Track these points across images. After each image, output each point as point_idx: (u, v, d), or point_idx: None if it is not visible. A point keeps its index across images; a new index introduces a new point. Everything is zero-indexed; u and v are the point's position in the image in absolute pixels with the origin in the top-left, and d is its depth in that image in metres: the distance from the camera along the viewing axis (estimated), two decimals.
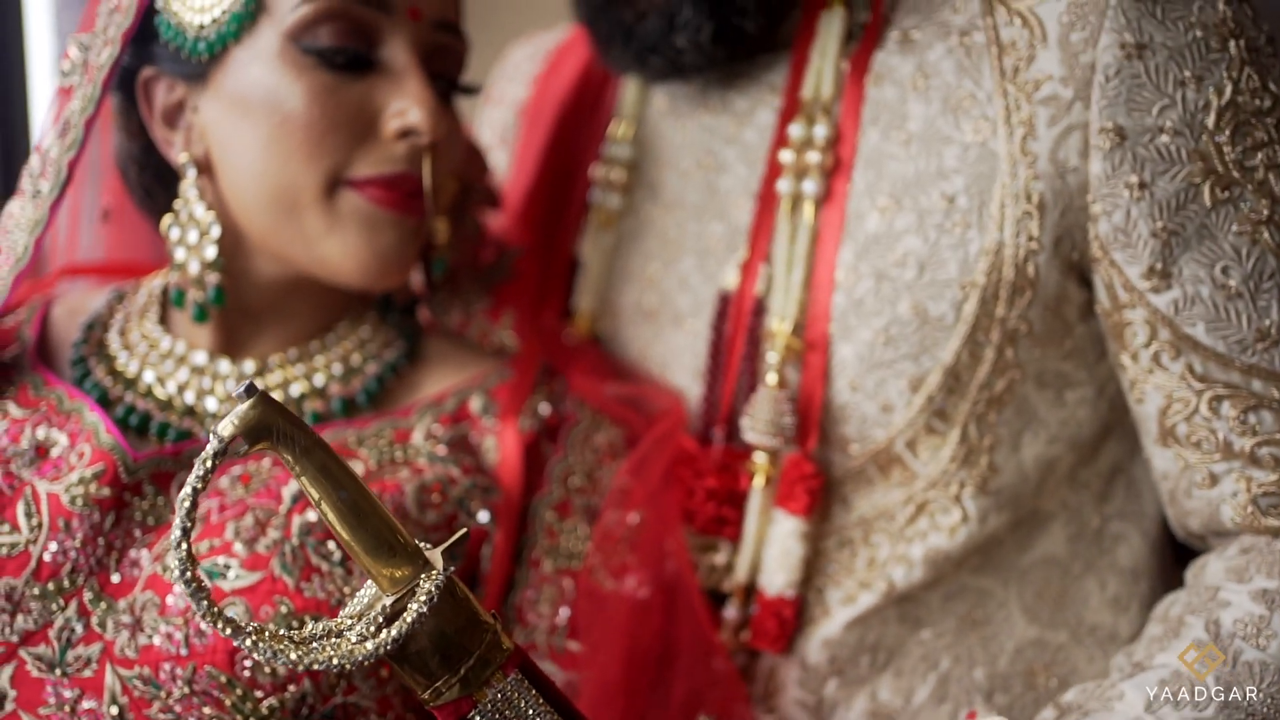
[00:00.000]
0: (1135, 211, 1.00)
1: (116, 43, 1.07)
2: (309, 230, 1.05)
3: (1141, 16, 0.99)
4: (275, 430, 0.77)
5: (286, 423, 0.78)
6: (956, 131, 1.05)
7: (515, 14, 1.70)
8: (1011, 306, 1.04)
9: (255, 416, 0.77)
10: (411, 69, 1.05)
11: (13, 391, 1.08)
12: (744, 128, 1.16)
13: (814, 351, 1.08)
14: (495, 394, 1.12)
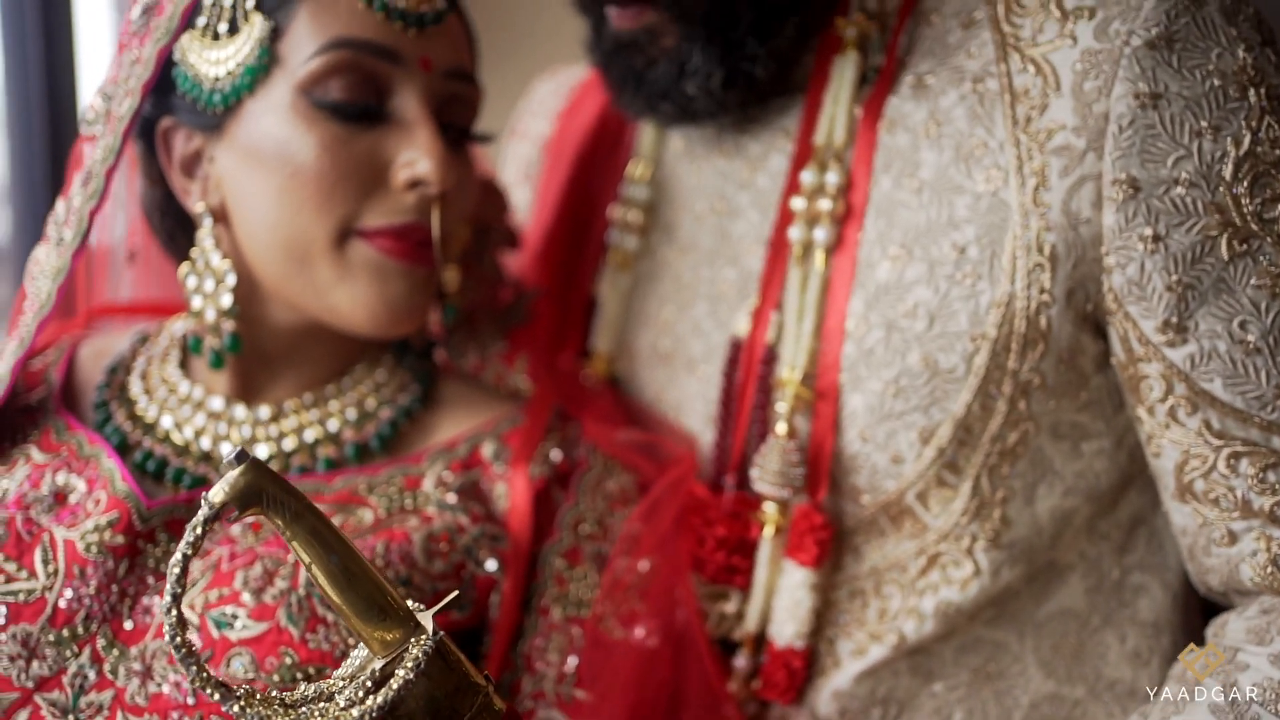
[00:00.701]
0: (1150, 265, 0.98)
1: (136, 94, 1.09)
2: (320, 280, 1.06)
3: (1157, 65, 0.97)
4: (266, 496, 0.79)
5: (277, 488, 0.79)
6: (968, 180, 1.03)
7: (535, 52, 1.70)
8: (1023, 359, 1.02)
9: (245, 483, 0.78)
10: (421, 120, 1.06)
11: (37, 435, 1.10)
12: (757, 173, 1.15)
13: (824, 401, 1.07)
14: (507, 439, 1.13)
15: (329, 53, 1.04)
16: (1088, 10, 1.01)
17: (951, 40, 1.08)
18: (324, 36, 1.04)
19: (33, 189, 1.92)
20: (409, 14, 1.06)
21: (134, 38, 1.12)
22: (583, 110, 1.37)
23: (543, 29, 1.28)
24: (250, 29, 1.05)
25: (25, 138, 1.95)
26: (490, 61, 1.17)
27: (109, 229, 1.26)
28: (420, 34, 1.07)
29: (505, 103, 1.55)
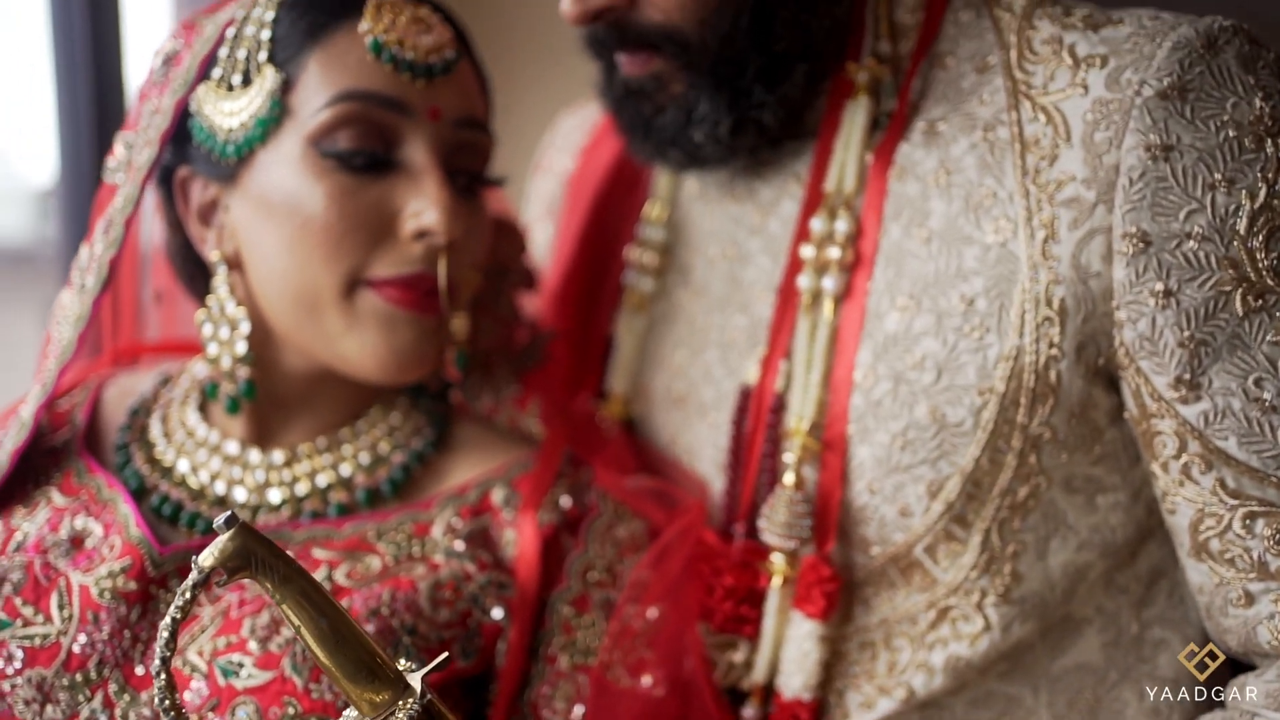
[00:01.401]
0: (1161, 320, 0.96)
1: (155, 144, 1.11)
2: (329, 328, 1.07)
3: (1169, 116, 0.95)
4: (254, 560, 0.80)
5: (265, 552, 0.80)
6: (977, 231, 1.02)
7: (561, 86, 1.70)
8: (1033, 414, 1.00)
9: (234, 548, 0.79)
10: (429, 170, 1.06)
11: (58, 478, 1.12)
12: (768, 218, 1.14)
13: (831, 452, 1.06)
14: (517, 485, 1.13)
15: (337, 105, 1.05)
16: (1099, 58, 1.00)
17: (965, 85, 1.07)
18: (333, 89, 1.05)
19: (80, 192, 1.96)
20: (417, 65, 1.07)
21: (154, 88, 1.14)
22: (604, 146, 1.36)
23: (568, 64, 1.28)
24: (262, 81, 1.07)
25: (73, 141, 2.00)
26: (514, 96, 1.18)
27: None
28: (429, 84, 1.08)
29: (531, 138, 1.55)
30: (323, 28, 1.07)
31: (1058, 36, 1.03)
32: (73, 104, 1.99)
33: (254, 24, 1.09)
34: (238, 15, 1.11)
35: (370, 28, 1.07)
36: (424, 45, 1.08)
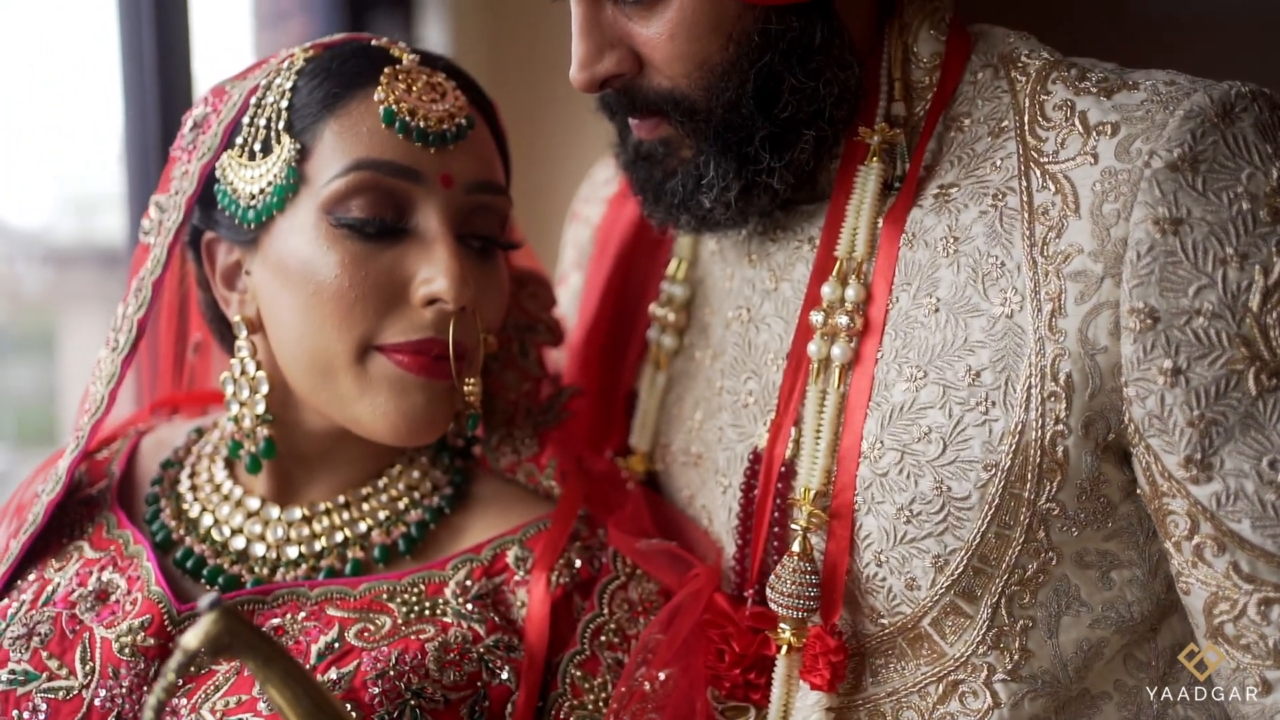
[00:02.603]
0: (1169, 398, 0.93)
1: (181, 209, 1.14)
2: (343, 392, 1.09)
3: (1179, 189, 0.92)
4: (238, 642, 0.82)
5: (250, 634, 0.82)
6: (985, 302, 1.00)
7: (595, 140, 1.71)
8: (1040, 490, 0.98)
9: (218, 630, 0.81)
10: (440, 237, 1.08)
11: (91, 530, 1.16)
12: (781, 282, 1.13)
13: (839, 521, 1.05)
14: (531, 545, 1.14)
15: (350, 174, 1.07)
16: (1110, 126, 0.97)
17: (979, 148, 1.05)
18: (346, 158, 1.07)
19: (148, 194, 2.03)
20: (429, 133, 1.08)
21: (185, 152, 1.17)
22: (631, 199, 1.37)
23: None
24: (281, 150, 1.09)
25: (141, 144, 2.06)
26: (552, 144, 1.19)
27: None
28: (441, 151, 1.09)
29: (570, 186, 1.56)
30: (338, 98, 1.10)
31: (1070, 102, 1.01)
32: (140, 110, 2.05)
33: (275, 93, 1.12)
34: (261, 83, 1.14)
35: (383, 97, 1.08)
36: (436, 113, 1.09)
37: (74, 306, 2.77)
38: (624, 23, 1.05)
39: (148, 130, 2.07)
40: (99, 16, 2.16)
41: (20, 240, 7.46)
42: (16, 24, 2.74)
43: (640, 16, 1.04)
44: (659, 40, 1.04)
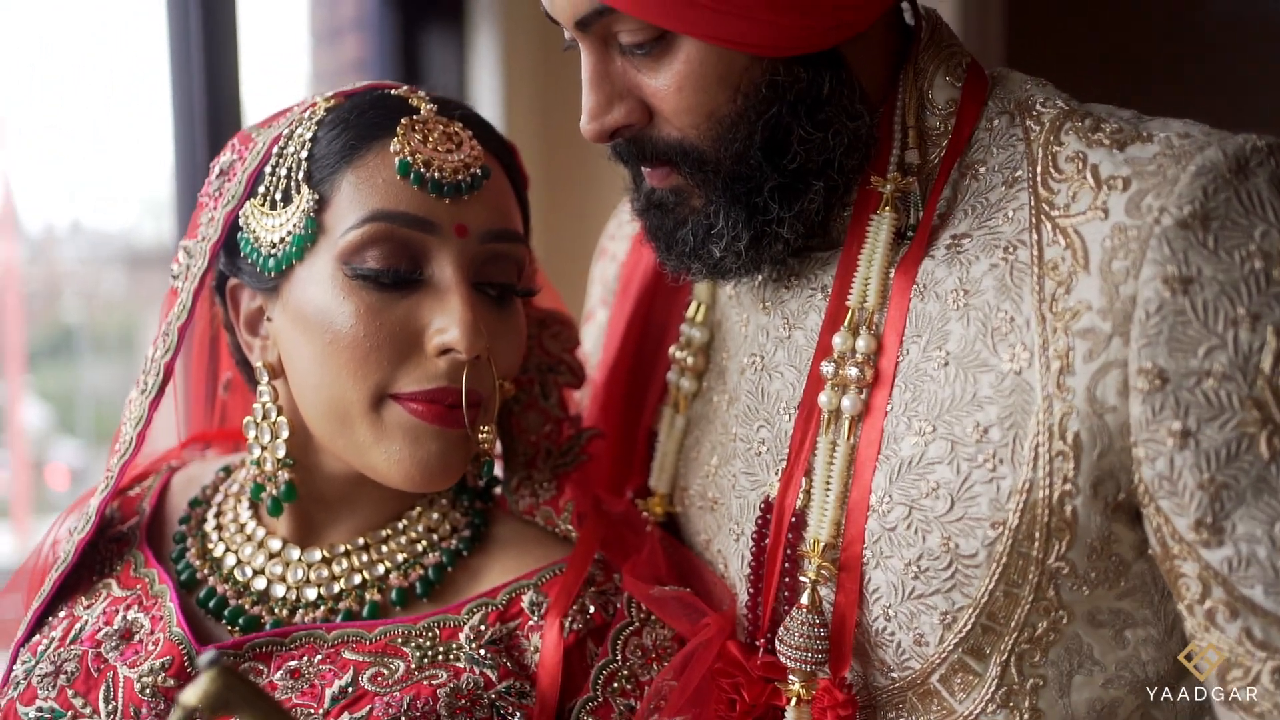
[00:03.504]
0: (1179, 460, 0.91)
1: (206, 255, 1.16)
2: (359, 439, 1.11)
3: (1189, 247, 0.90)
4: (236, 700, 0.83)
5: (248, 691, 0.84)
6: (994, 357, 0.99)
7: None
8: (1049, 549, 0.97)
9: (216, 689, 0.83)
10: (454, 287, 1.09)
11: (119, 568, 1.19)
12: (794, 330, 1.13)
13: (848, 574, 1.04)
14: (546, 590, 1.15)
15: (366, 225, 1.08)
16: (1121, 181, 0.95)
17: (993, 197, 1.04)
18: (363, 209, 1.09)
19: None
20: (443, 184, 1.09)
21: (211, 199, 1.19)
22: None
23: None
24: (300, 200, 1.11)
25: (189, 151, 2.11)
26: (581, 180, 1.19)
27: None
28: (455, 201, 1.10)
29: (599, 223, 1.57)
30: (355, 149, 1.11)
31: (1082, 154, 0.99)
32: (189, 127, 2.10)
33: (295, 143, 1.14)
34: (284, 132, 1.15)
35: (399, 148, 1.10)
36: (451, 163, 1.10)
37: (152, 307, 2.84)
38: (633, 74, 1.05)
39: (196, 147, 2.12)
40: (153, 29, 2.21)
41: (101, 243, 7.60)
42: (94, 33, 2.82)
43: (649, 68, 1.04)
44: (667, 92, 1.04)
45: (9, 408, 6.98)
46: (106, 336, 7.39)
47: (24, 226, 6.44)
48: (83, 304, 7.78)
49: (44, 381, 7.42)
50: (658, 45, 1.03)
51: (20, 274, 6.70)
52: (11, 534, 6.84)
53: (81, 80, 4.90)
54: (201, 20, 2.12)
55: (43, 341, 7.38)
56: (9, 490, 7.15)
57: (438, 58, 2.72)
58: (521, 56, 2.69)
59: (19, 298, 6.72)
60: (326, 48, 2.88)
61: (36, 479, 6.91)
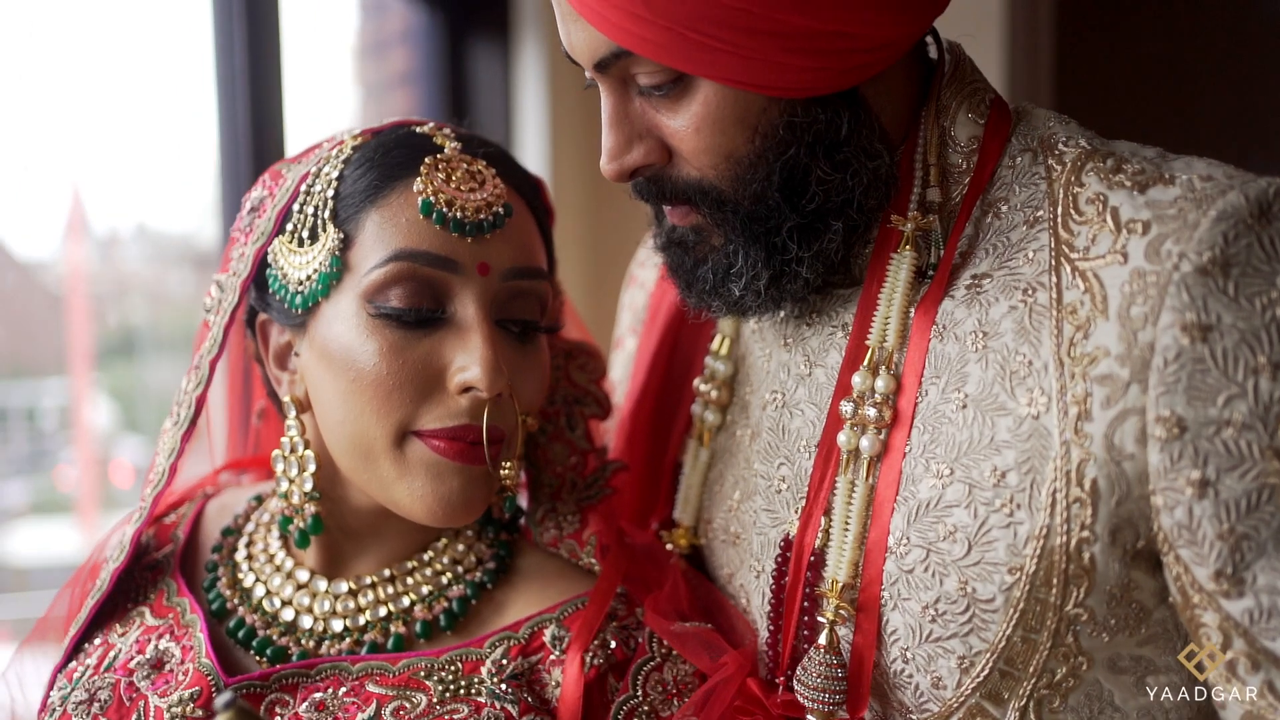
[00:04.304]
0: (1198, 510, 0.90)
1: (236, 291, 1.18)
2: (383, 475, 1.12)
3: (1209, 294, 0.89)
4: None
5: None
6: (1012, 401, 0.98)
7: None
8: (1066, 595, 0.96)
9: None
10: (475, 325, 1.10)
11: (153, 597, 1.22)
12: (815, 367, 1.13)
13: (865, 615, 1.04)
14: (569, 624, 1.15)
15: (389, 264, 1.10)
16: (1141, 224, 0.94)
17: (1014, 237, 1.03)
18: (387, 249, 1.10)
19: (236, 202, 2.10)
20: (465, 223, 1.10)
21: (242, 234, 1.21)
22: None
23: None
24: (326, 238, 1.13)
25: (234, 180, 2.14)
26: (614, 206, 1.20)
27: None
28: (478, 240, 1.11)
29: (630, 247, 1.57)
30: (379, 188, 1.12)
31: (1103, 196, 0.98)
32: (234, 156, 2.13)
33: (322, 181, 1.15)
34: (312, 170, 1.17)
35: (422, 188, 1.11)
36: (474, 202, 1.11)
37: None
38: (652, 114, 1.06)
39: (240, 160, 2.14)
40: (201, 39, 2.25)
41: (166, 244, 7.75)
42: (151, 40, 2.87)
43: (667, 109, 1.04)
44: (685, 133, 1.04)
45: (76, 406, 7.12)
46: (170, 335, 7.52)
47: (91, 229, 6.56)
48: (147, 304, 7.94)
49: (109, 380, 7.57)
50: (675, 87, 1.03)
51: (87, 275, 6.84)
52: (78, 530, 6.98)
53: (142, 85, 4.96)
54: (246, 35, 2.15)
55: (108, 341, 7.53)
56: (76, 488, 7.29)
57: (483, 70, 2.73)
58: (566, 68, 2.69)
59: (86, 299, 6.87)
60: (373, 60, 2.91)
61: (101, 476, 7.05)
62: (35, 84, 4.47)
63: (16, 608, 6.39)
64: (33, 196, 6.18)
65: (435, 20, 2.70)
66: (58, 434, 7.78)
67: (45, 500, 7.55)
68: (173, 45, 3.17)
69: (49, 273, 7.54)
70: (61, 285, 7.31)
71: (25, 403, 7.71)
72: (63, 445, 7.75)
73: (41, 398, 7.77)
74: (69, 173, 5.78)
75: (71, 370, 7.45)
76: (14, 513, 7.22)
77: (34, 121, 5.13)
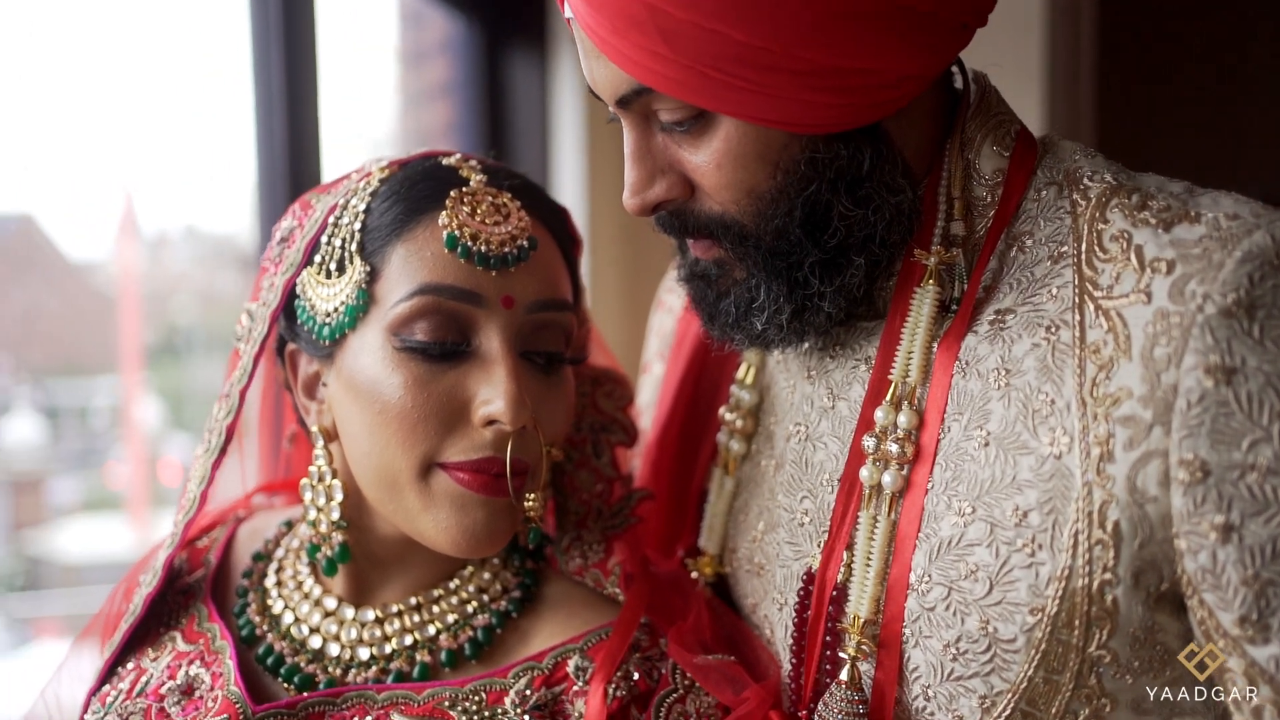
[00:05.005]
0: (1222, 555, 0.89)
1: (266, 321, 1.19)
2: (408, 506, 1.13)
3: (1233, 336, 0.88)
4: None
5: None
6: (1034, 440, 0.97)
7: None
8: (1089, 637, 0.95)
9: None
10: (500, 358, 1.10)
11: (184, 621, 1.23)
12: (838, 400, 1.12)
13: (887, 652, 1.04)
14: (592, 654, 1.16)
15: (414, 298, 1.10)
16: (1165, 264, 0.93)
17: (1039, 272, 1.02)
18: (412, 283, 1.11)
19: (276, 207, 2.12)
20: (490, 257, 1.11)
21: (272, 264, 1.22)
22: None
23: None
24: (352, 271, 1.14)
25: (270, 188, 2.16)
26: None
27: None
28: (502, 273, 1.12)
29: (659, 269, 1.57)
30: (405, 222, 1.13)
31: (1127, 233, 0.97)
32: (270, 148, 2.15)
33: (350, 214, 1.16)
34: (340, 202, 1.18)
35: (446, 222, 1.11)
36: (498, 236, 1.12)
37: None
38: (674, 149, 1.06)
39: (275, 168, 2.16)
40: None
41: (213, 245, 7.80)
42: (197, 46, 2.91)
43: (689, 144, 1.04)
44: (707, 168, 1.04)
45: (126, 404, 7.23)
46: (217, 335, 7.61)
47: (141, 231, 6.66)
48: (195, 303, 8.03)
49: (157, 379, 7.67)
50: (697, 123, 1.03)
51: (137, 276, 6.94)
52: (128, 527, 7.09)
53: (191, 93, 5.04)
54: (282, 43, 2.16)
55: (156, 340, 7.63)
56: (126, 485, 7.40)
57: (520, 79, 2.74)
58: None
59: (136, 299, 6.96)
60: (413, 69, 2.93)
61: (150, 474, 7.15)
62: (89, 95, 4.54)
63: (68, 603, 6.49)
64: (86, 200, 6.27)
65: (473, 31, 2.71)
66: (108, 432, 7.90)
67: (96, 497, 7.67)
68: (219, 54, 3.21)
69: (100, 274, 7.65)
70: (112, 286, 7.41)
71: (77, 401, 7.83)
72: (113, 443, 7.88)
73: (93, 396, 7.90)
74: (121, 177, 5.87)
75: (122, 369, 7.55)
76: (66, 510, 7.33)
77: (87, 129, 5.23)
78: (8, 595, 6.18)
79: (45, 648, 5.87)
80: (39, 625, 6.26)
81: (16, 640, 5.80)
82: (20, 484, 6.88)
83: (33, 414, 7.01)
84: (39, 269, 7.23)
